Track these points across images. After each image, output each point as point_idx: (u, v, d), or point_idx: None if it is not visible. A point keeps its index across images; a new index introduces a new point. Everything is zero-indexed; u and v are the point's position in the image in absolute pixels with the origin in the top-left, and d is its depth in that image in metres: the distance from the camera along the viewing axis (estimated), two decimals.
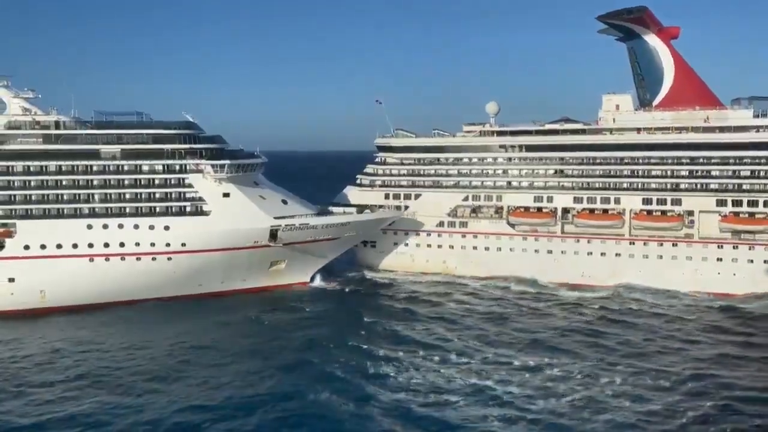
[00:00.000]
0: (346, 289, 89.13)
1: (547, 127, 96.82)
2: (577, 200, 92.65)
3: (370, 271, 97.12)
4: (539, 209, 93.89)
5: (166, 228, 79.76)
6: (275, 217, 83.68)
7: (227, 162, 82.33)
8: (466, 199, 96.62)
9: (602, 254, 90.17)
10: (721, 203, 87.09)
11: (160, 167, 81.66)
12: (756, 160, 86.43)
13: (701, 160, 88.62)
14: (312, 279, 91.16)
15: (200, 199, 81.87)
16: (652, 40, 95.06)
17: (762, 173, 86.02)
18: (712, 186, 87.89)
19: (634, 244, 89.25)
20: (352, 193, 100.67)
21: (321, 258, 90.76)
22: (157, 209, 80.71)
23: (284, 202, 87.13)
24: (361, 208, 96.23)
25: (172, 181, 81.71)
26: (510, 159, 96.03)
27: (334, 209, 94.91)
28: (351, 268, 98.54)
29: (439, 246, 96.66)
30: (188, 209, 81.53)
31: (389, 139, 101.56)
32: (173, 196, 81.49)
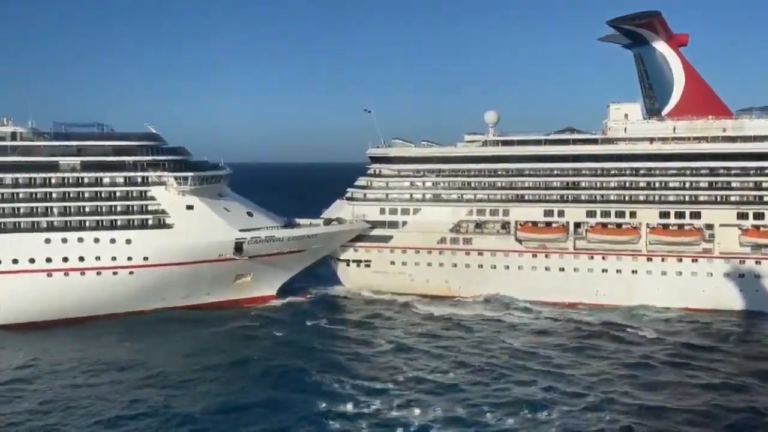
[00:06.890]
0: (312, 308, 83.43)
1: (556, 137, 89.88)
2: (589, 214, 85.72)
3: (361, 291, 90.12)
4: (549, 224, 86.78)
5: (128, 241, 76.47)
6: (240, 230, 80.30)
7: (191, 174, 79.18)
8: (470, 213, 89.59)
9: (618, 271, 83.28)
10: (742, 216, 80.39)
11: (122, 179, 78.60)
12: None
13: (721, 171, 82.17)
14: (279, 295, 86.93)
15: (163, 211, 78.48)
16: (662, 47, 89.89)
17: None
18: (732, 198, 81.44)
19: (651, 260, 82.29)
20: (344, 208, 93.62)
21: (288, 271, 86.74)
22: (119, 222, 77.43)
23: (249, 214, 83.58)
24: (328, 220, 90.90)
25: (134, 194, 78.53)
26: (517, 170, 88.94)
27: (301, 221, 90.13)
28: (335, 287, 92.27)
29: (441, 264, 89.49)
30: (150, 222, 78.07)
31: (385, 149, 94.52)
32: (135, 208, 78.27)
